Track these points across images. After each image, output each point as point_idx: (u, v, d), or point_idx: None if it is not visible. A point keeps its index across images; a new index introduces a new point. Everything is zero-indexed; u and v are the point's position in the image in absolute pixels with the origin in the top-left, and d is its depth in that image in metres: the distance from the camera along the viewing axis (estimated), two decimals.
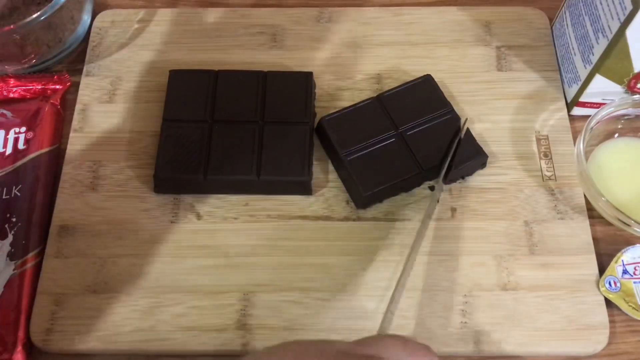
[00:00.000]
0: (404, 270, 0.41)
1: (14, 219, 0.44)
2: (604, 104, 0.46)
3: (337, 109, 0.47)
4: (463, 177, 0.46)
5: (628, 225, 0.42)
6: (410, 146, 0.45)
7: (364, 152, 0.45)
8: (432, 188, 0.45)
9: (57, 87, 0.50)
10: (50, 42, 0.50)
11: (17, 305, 0.41)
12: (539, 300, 0.42)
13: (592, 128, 0.45)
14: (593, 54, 0.44)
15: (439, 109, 0.46)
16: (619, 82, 0.45)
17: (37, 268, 0.43)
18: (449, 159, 0.44)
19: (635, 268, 0.42)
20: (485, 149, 0.45)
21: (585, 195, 0.45)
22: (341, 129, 0.46)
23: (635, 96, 0.45)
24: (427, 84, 0.47)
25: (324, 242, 0.44)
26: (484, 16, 0.53)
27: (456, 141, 0.45)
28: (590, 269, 0.43)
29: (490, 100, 0.49)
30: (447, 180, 0.45)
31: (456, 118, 0.46)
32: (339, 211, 0.45)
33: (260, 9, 0.54)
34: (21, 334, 0.40)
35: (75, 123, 0.48)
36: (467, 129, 0.46)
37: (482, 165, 0.46)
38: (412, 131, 0.45)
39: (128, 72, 0.51)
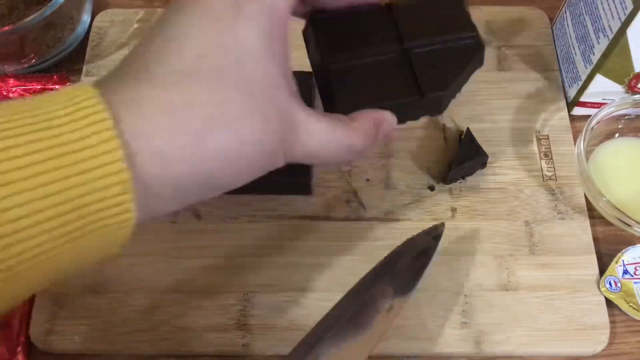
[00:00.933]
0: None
1: None
2: (604, 103, 0.46)
3: None
4: (463, 177, 0.46)
5: (628, 225, 0.42)
6: (414, 66, 0.36)
7: (354, 62, 0.35)
8: (432, 188, 0.45)
9: (57, 87, 0.50)
10: (50, 41, 0.50)
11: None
12: (539, 300, 0.42)
13: (592, 128, 0.45)
14: (594, 54, 0.44)
15: (460, 30, 0.36)
16: (620, 82, 0.45)
17: None
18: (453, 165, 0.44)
19: (635, 268, 0.42)
20: (485, 149, 0.45)
21: (585, 195, 0.45)
22: (333, 31, 0.36)
23: (635, 96, 0.45)
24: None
25: (323, 242, 0.44)
26: (484, 16, 0.53)
27: (469, 69, 0.37)
28: (591, 269, 0.43)
29: (491, 100, 0.49)
30: (447, 180, 0.45)
31: (480, 46, 0.37)
32: (339, 211, 0.45)
33: None
34: (21, 334, 0.40)
35: None
36: (468, 129, 0.46)
37: (482, 165, 0.46)
38: (421, 49, 0.36)
39: None
